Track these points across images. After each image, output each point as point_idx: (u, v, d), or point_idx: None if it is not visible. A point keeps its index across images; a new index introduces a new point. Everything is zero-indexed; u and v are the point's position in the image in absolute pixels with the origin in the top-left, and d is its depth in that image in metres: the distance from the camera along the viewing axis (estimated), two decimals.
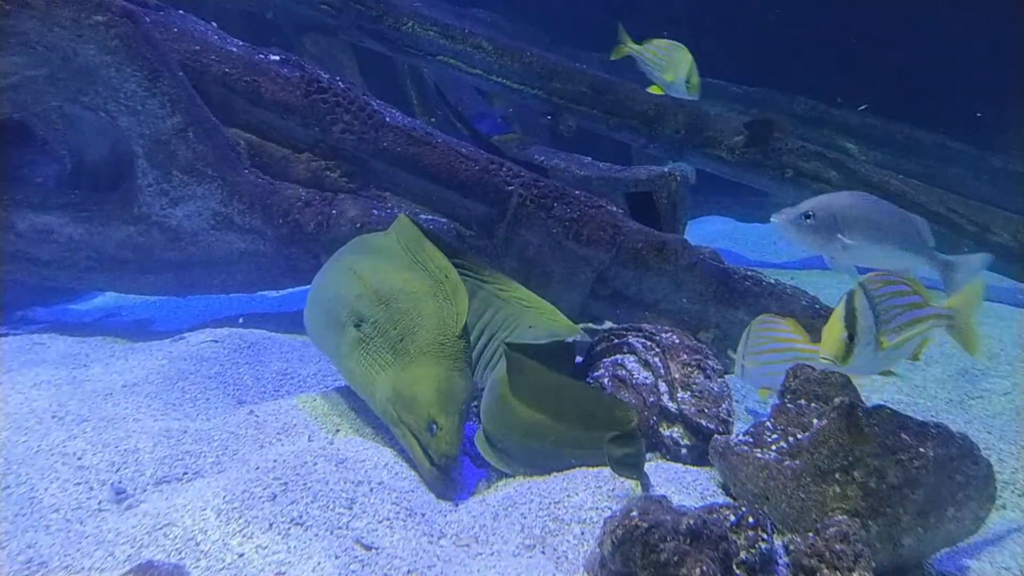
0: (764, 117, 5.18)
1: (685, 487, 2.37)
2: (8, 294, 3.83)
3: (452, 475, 2.39)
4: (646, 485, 2.30)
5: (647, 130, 5.94)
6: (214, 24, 3.80)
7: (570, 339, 2.78)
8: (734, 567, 1.78)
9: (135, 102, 3.17)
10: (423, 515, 2.18)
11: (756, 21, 8.25)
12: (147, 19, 3.27)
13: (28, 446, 2.32)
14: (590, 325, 3.91)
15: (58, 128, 3.58)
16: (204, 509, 2.00)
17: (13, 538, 1.93)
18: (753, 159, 5.92)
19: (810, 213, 2.52)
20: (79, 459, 2.28)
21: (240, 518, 1.97)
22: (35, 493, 2.15)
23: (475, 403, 2.74)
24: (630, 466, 2.28)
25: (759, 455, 2.20)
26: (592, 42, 7.92)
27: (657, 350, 2.85)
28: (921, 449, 1.93)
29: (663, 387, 2.73)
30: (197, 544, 1.89)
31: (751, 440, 2.38)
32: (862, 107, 6.67)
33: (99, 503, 2.15)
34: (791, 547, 1.85)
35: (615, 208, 3.87)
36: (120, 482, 2.23)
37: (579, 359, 3.11)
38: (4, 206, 3.30)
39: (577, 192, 3.85)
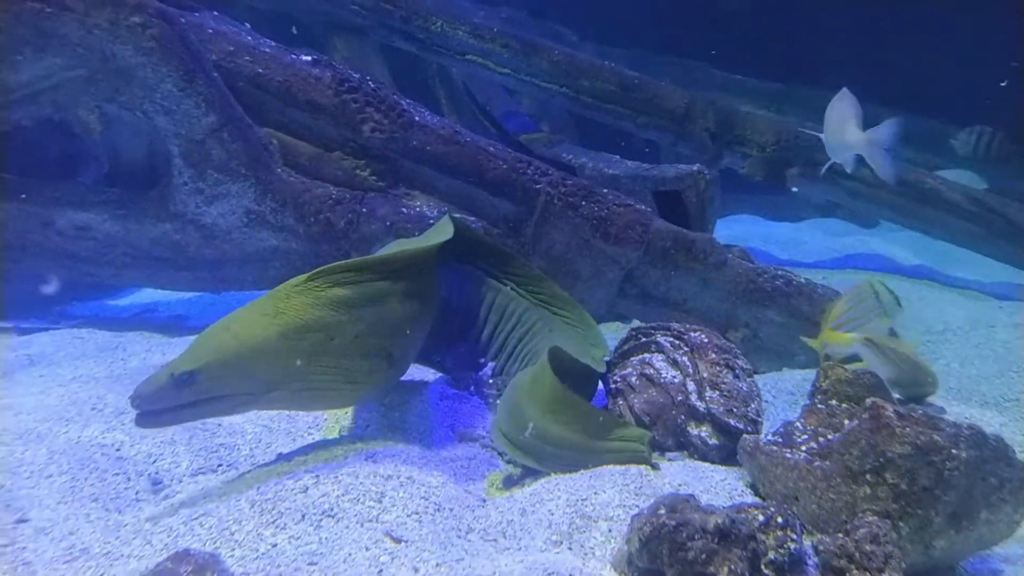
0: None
1: (713, 486, 2.37)
2: (48, 290, 3.93)
3: None
4: (668, 481, 2.30)
5: (676, 128, 5.91)
6: (247, 25, 3.86)
7: (600, 370, 2.83)
8: (762, 567, 1.78)
9: (171, 102, 3.23)
10: (451, 510, 2.20)
11: (781, 16, 8.17)
12: (182, 20, 3.33)
13: (69, 437, 2.39)
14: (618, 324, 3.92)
15: (96, 128, 3.67)
16: (239, 500, 2.04)
17: (56, 525, 1.99)
18: (784, 156, 5.86)
19: None
20: (117, 450, 2.34)
21: (273, 509, 2.01)
22: (76, 483, 2.21)
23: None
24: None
25: (789, 455, 2.19)
26: (619, 39, 7.91)
27: (685, 349, 2.85)
28: (954, 451, 1.90)
29: (691, 386, 2.73)
30: (232, 534, 1.93)
31: (781, 440, 2.37)
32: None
33: (137, 493, 2.21)
34: (820, 548, 1.84)
35: (643, 207, 3.87)
36: (157, 473, 2.29)
37: (606, 358, 3.12)
38: (44, 204, 3.38)
39: (605, 191, 3.85)
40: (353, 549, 1.91)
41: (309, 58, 3.71)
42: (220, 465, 2.38)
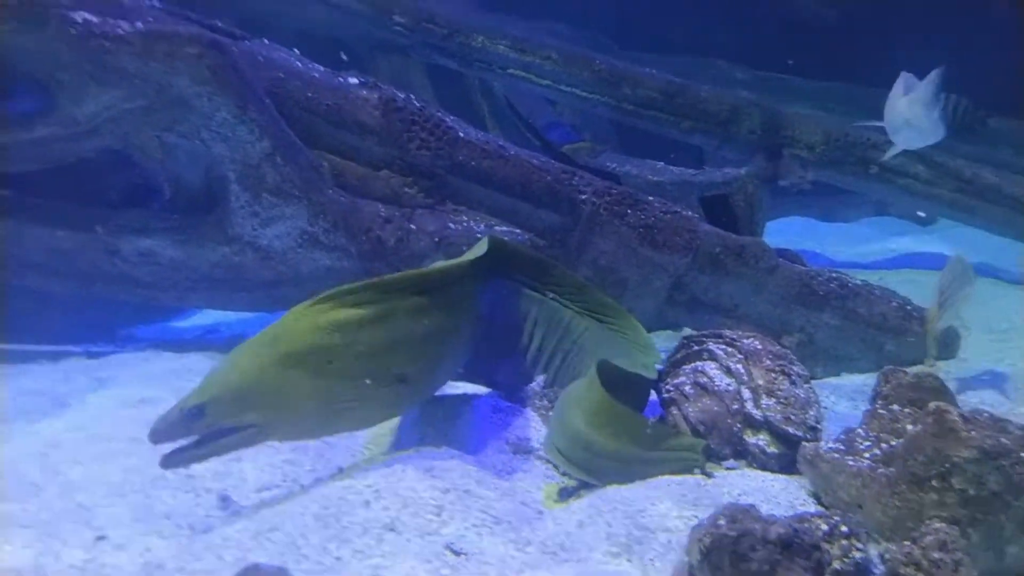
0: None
1: (773, 496, 2.34)
2: (114, 314, 4.10)
3: None
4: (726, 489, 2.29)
5: (721, 132, 5.86)
6: (296, 51, 3.97)
7: (651, 377, 2.81)
8: None
9: (226, 129, 3.35)
10: (509, 522, 2.22)
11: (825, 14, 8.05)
12: (235, 50, 3.45)
13: (140, 457, 2.49)
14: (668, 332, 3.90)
15: (156, 156, 3.82)
16: (303, 514, 2.10)
17: (132, 542, 2.08)
18: (835, 156, 5.76)
19: None
20: (186, 469, 2.42)
21: (337, 523, 2.06)
22: (149, 500, 2.30)
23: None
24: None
25: (851, 462, 2.16)
26: (659, 46, 7.88)
27: (739, 356, 2.82)
28: (1023, 454, 1.85)
29: (747, 394, 2.70)
30: (298, 548, 1.99)
31: (842, 447, 2.33)
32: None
33: (206, 510, 2.29)
34: (887, 556, 1.80)
35: (690, 213, 3.85)
36: (225, 490, 2.36)
37: (659, 367, 3.11)
38: (109, 232, 3.53)
39: (651, 198, 3.84)
40: (415, 562, 1.94)
41: (356, 80, 3.80)
42: (284, 480, 2.45)
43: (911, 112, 3.44)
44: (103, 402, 3.07)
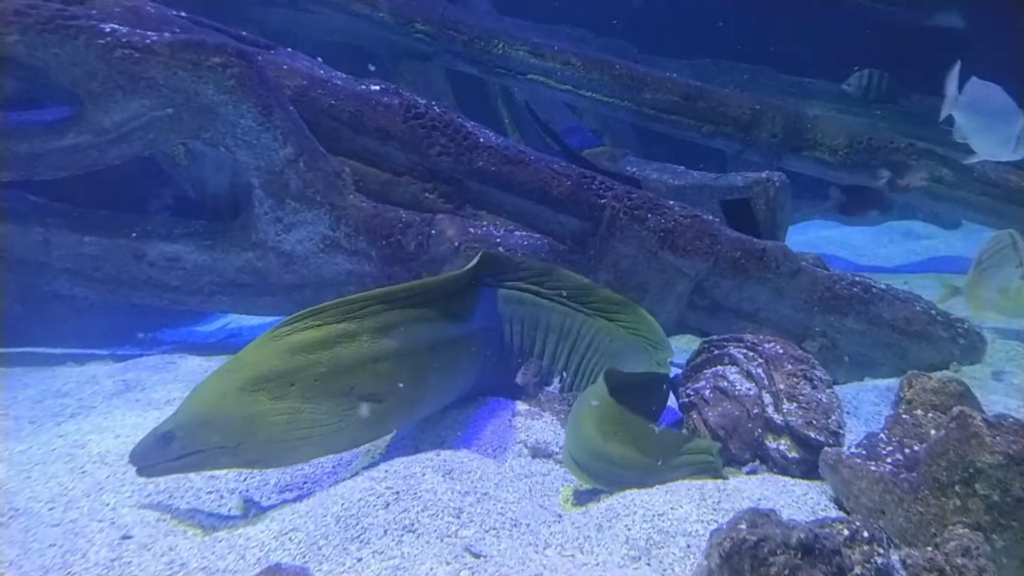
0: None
1: (794, 500, 2.33)
2: (140, 318, 4.17)
3: None
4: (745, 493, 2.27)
5: (742, 136, 5.83)
6: (319, 59, 4.03)
7: (664, 372, 2.80)
8: None
9: (251, 136, 3.40)
10: (528, 525, 2.23)
11: (855, 20, 7.99)
12: (259, 58, 3.50)
13: None
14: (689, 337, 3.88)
15: (183, 163, 3.89)
16: (324, 516, 2.12)
17: (156, 541, 2.11)
18: (858, 159, 5.71)
19: None
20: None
21: (357, 524, 2.08)
22: (172, 501, 2.34)
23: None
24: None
25: (873, 468, 2.13)
26: (679, 50, 7.87)
27: (760, 361, 2.80)
28: None
29: (767, 398, 2.68)
30: (319, 548, 2.01)
31: (864, 452, 2.31)
32: None
33: (229, 510, 2.32)
34: (909, 562, 1.78)
35: (711, 217, 3.83)
36: (247, 491, 2.40)
37: (678, 372, 3.10)
38: (137, 237, 3.60)
39: (671, 202, 3.83)
40: (434, 564, 1.95)
41: (378, 87, 3.84)
42: (305, 483, 2.48)
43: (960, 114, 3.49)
44: (129, 404, 3.13)
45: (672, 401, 3.02)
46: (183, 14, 3.76)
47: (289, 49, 4.06)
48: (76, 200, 3.69)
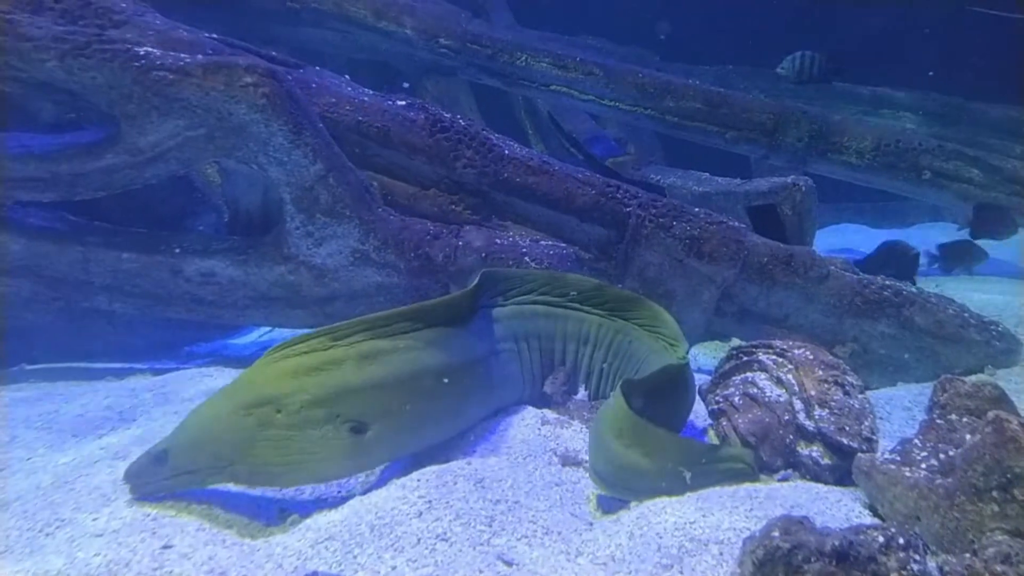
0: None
1: (828, 508, 2.31)
2: (177, 332, 4.27)
3: None
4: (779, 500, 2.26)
5: (767, 141, 5.81)
6: (347, 77, 4.11)
7: (681, 361, 2.75)
8: None
9: (282, 154, 3.47)
10: (559, 533, 2.24)
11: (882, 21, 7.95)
12: (289, 78, 3.58)
13: None
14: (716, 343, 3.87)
15: (217, 181, 3.99)
16: (359, 524, 2.16)
17: (196, 550, 2.16)
18: (886, 162, 5.66)
19: None
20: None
21: (391, 533, 2.11)
22: (211, 511, 2.39)
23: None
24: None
25: (908, 474, 2.11)
26: (701, 57, 7.87)
27: (790, 367, 2.79)
28: None
29: (798, 404, 2.67)
30: (354, 557, 2.05)
31: (899, 458, 2.28)
32: None
33: (266, 520, 2.37)
34: (946, 569, 1.77)
35: (737, 223, 3.83)
36: (283, 500, 2.44)
37: (707, 379, 3.10)
38: (173, 253, 3.69)
39: (696, 209, 3.84)
40: (467, 572, 1.98)
41: (404, 103, 3.91)
42: (339, 492, 2.52)
43: None
44: (167, 416, 3.20)
45: (700, 408, 3.01)
46: (214, 36, 3.86)
47: (317, 68, 4.14)
48: (111, 219, 3.79)
